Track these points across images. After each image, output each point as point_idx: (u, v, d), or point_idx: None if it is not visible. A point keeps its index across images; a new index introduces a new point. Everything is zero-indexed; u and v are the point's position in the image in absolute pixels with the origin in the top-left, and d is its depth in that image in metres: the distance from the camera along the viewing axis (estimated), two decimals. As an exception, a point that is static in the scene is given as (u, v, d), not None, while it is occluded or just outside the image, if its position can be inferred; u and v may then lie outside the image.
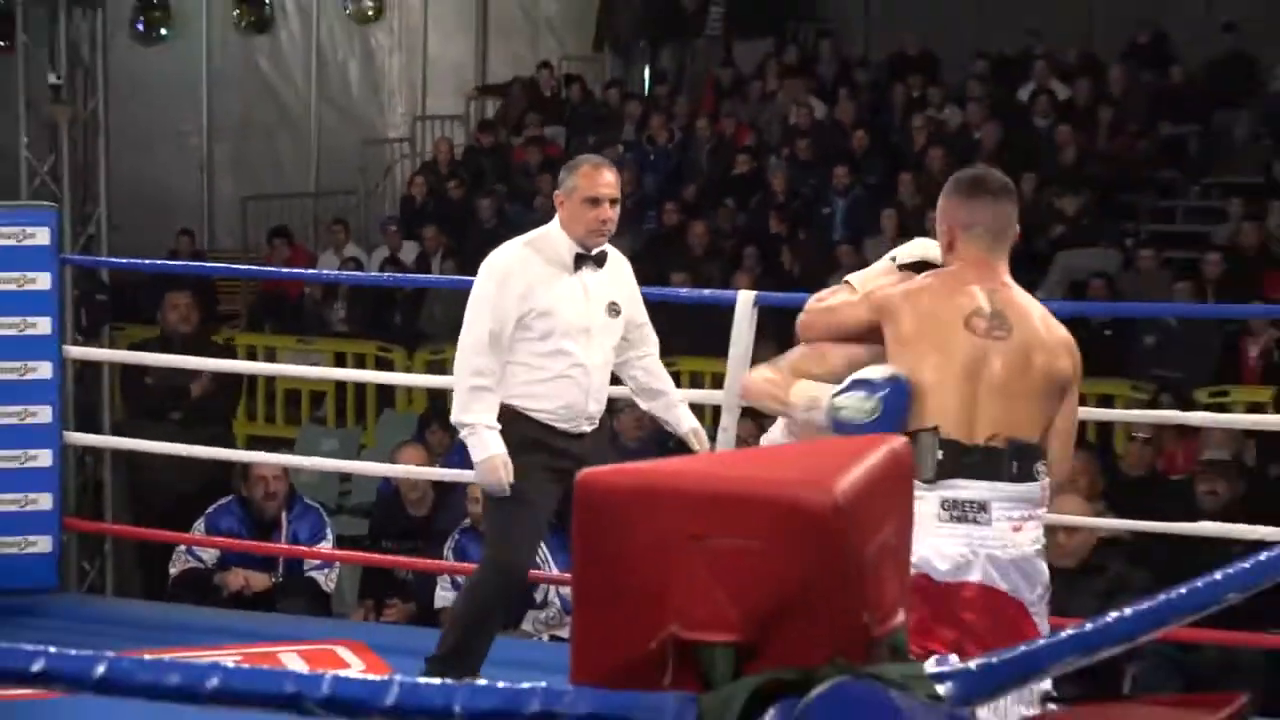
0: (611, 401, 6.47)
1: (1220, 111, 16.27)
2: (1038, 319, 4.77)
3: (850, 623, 2.16)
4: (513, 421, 6.12)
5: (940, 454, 4.55)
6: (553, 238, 6.26)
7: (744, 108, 17.46)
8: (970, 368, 4.62)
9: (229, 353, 12.26)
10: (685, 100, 17.78)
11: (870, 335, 4.81)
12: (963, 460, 4.56)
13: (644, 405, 6.61)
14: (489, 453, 6.06)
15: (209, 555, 8.65)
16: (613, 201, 6.20)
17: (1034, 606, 4.63)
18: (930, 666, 2.20)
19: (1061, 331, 4.81)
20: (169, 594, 8.73)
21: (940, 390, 4.60)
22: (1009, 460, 4.58)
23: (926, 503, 4.54)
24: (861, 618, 2.18)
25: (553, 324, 6.13)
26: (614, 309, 6.29)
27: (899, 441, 2.44)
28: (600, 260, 6.27)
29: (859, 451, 2.34)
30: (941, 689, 2.18)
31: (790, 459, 2.46)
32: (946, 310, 4.70)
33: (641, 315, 6.47)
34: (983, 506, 4.56)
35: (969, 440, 4.57)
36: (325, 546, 8.75)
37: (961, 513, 4.56)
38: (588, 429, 6.23)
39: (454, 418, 6.21)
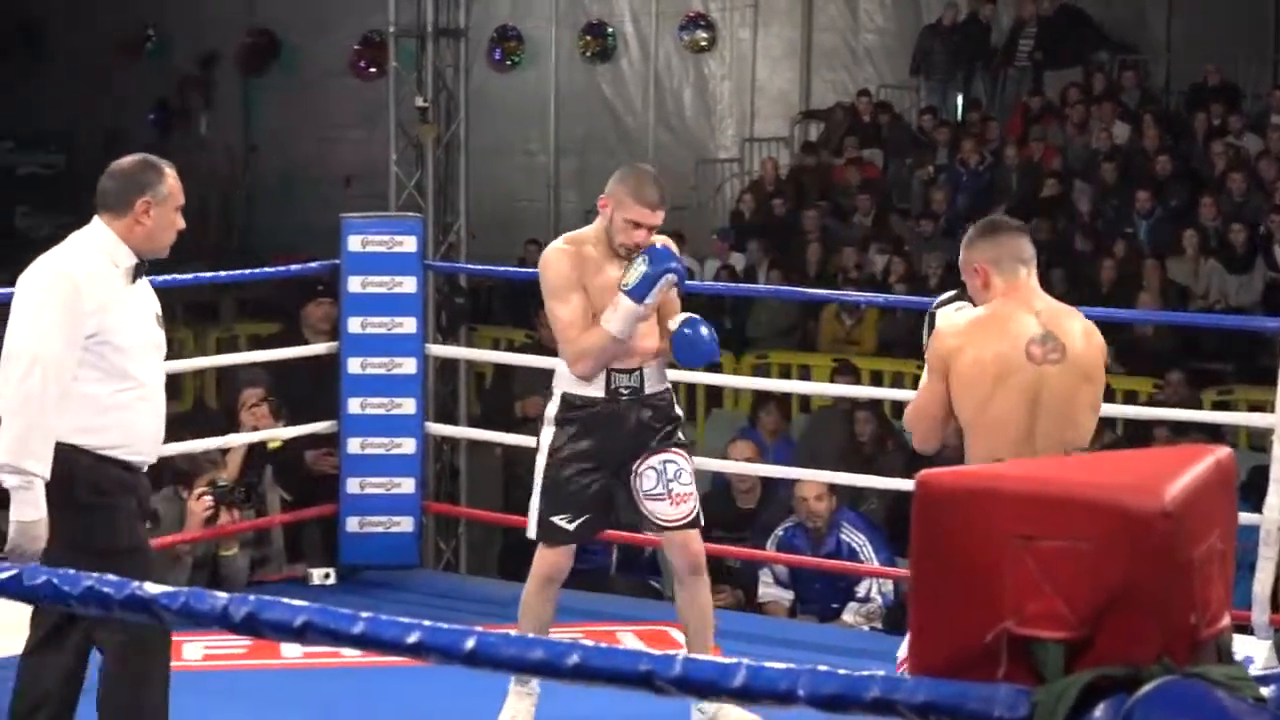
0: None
1: None
2: (1079, 335, 4.81)
3: (1178, 624, 2.09)
4: None
5: None
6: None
7: (1052, 133, 17.16)
8: (1031, 395, 4.65)
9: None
10: (996, 126, 17.55)
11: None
12: None
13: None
14: None
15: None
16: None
17: None
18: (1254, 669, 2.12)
19: (1098, 340, 4.87)
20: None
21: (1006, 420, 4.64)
22: None
23: None
24: (1189, 619, 2.10)
25: None
26: None
27: (1224, 451, 2.35)
28: None
29: (1186, 459, 2.26)
30: (1266, 691, 2.10)
31: (1119, 464, 2.38)
32: (1004, 341, 4.72)
33: None
34: None
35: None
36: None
37: None
38: None
39: None
